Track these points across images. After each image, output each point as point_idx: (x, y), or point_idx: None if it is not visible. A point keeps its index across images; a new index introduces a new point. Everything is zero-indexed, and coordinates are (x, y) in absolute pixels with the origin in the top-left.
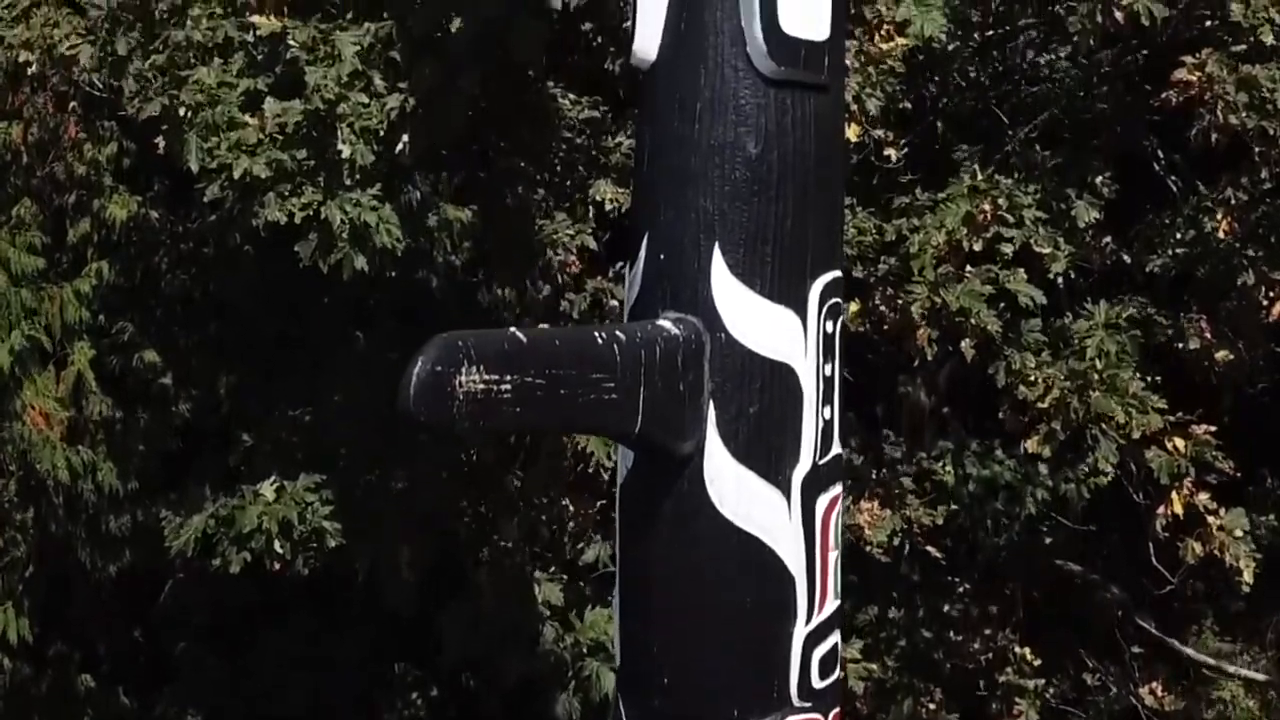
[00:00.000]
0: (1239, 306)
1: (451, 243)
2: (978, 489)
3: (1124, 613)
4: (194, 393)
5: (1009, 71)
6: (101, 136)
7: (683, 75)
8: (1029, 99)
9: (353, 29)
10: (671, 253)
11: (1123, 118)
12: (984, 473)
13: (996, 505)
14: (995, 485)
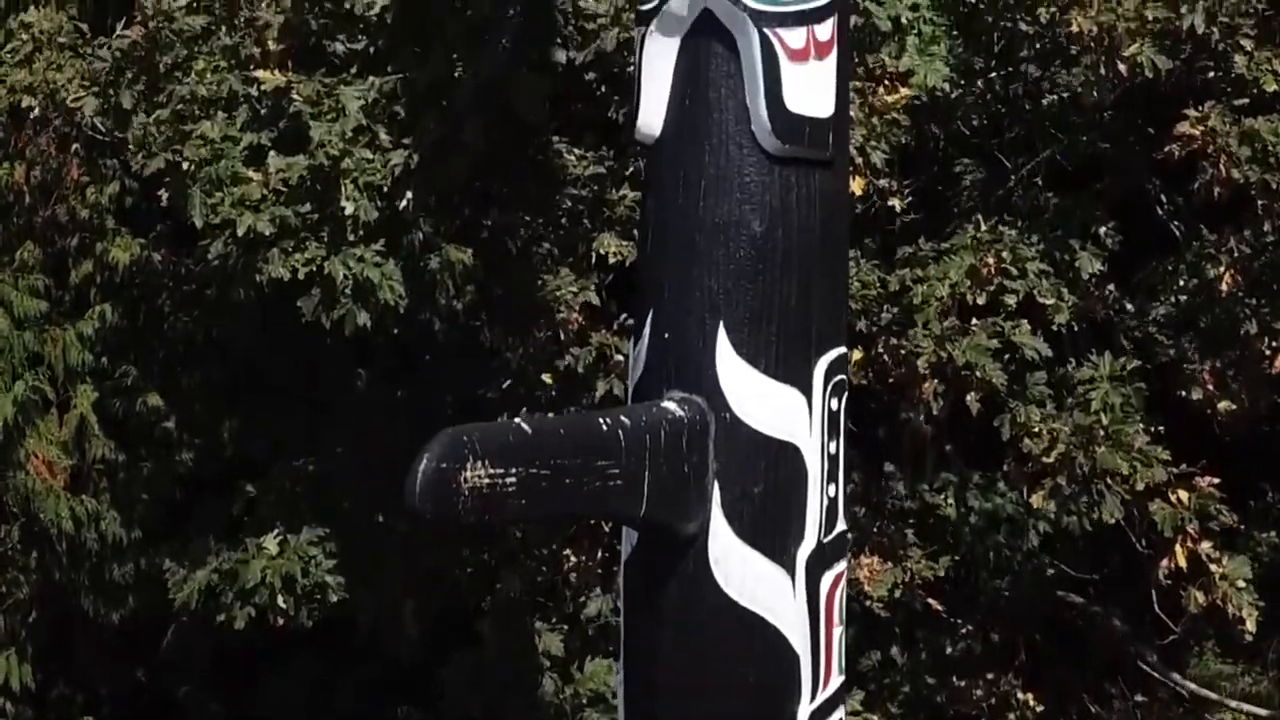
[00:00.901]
0: (1241, 357)
1: (454, 284)
2: (979, 522)
3: (1127, 646)
4: (197, 442)
5: (1012, 117)
6: (104, 175)
7: (687, 152)
8: (1032, 143)
9: (357, 83)
10: (676, 331)
11: (1125, 157)
12: (985, 505)
13: (999, 538)
14: (997, 518)
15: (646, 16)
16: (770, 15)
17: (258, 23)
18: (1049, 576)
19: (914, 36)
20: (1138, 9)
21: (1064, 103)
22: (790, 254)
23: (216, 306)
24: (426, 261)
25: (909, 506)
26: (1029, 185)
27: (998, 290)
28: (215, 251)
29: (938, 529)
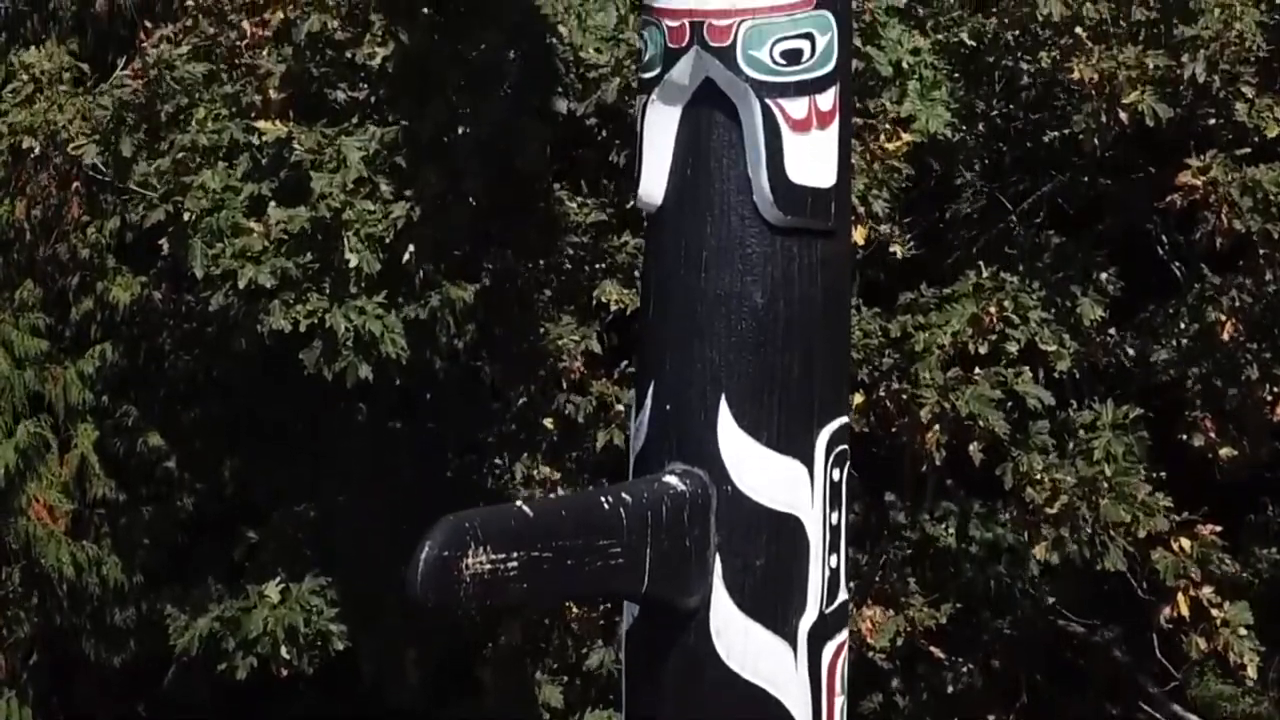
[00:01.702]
0: (1243, 404)
1: (454, 321)
2: (980, 552)
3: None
4: (199, 486)
5: (1013, 159)
6: (104, 210)
7: (689, 222)
8: (1033, 185)
9: (358, 133)
10: (678, 403)
11: (1126, 195)
12: (986, 535)
13: (999, 568)
14: (998, 549)
15: (648, 85)
16: (772, 85)
17: (259, 71)
18: (1050, 605)
19: (915, 81)
20: (1138, 57)
21: (1065, 143)
22: (792, 326)
23: (217, 346)
24: (427, 299)
25: (909, 537)
26: (1030, 227)
27: (1000, 338)
28: (216, 303)
29: (938, 560)
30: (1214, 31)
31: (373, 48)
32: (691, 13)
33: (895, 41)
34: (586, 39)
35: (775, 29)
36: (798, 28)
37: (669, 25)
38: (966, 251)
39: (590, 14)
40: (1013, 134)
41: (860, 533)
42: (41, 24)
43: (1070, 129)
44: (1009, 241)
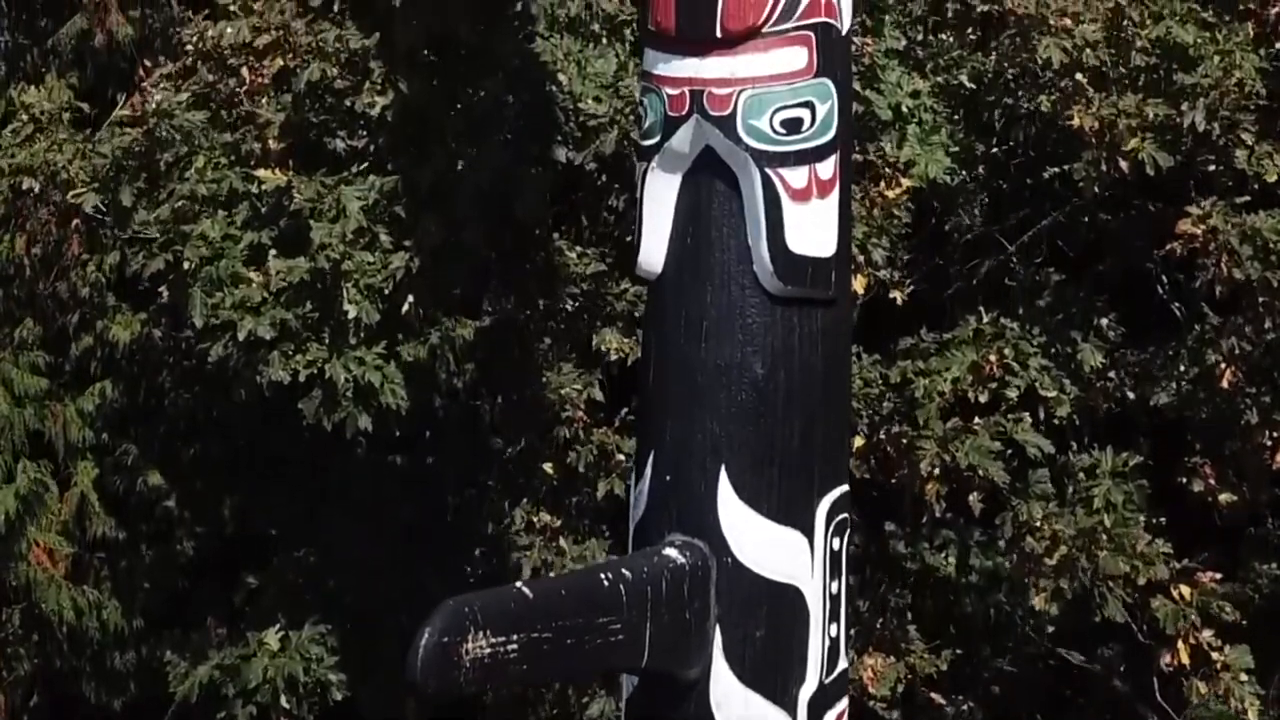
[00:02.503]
0: (1242, 449)
1: (455, 358)
2: (980, 581)
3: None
4: (198, 530)
5: (1013, 200)
6: (104, 245)
7: (689, 291)
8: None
9: (358, 182)
10: (677, 474)
11: (1126, 233)
12: (986, 564)
13: (999, 597)
14: (998, 577)
15: (648, 152)
16: (772, 155)
17: (258, 120)
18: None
19: (915, 125)
20: (1138, 105)
21: (1065, 180)
22: (792, 396)
23: (216, 384)
24: (427, 335)
25: (910, 568)
26: (1030, 266)
27: (1000, 384)
28: (215, 353)
29: (938, 589)
30: (1214, 79)
31: (372, 96)
32: (691, 81)
33: (895, 85)
34: (586, 87)
35: (775, 98)
36: (798, 96)
37: (669, 93)
38: (966, 294)
39: (590, 61)
40: (1013, 170)
41: (860, 564)
42: (41, 57)
43: (1071, 178)
44: (1009, 280)
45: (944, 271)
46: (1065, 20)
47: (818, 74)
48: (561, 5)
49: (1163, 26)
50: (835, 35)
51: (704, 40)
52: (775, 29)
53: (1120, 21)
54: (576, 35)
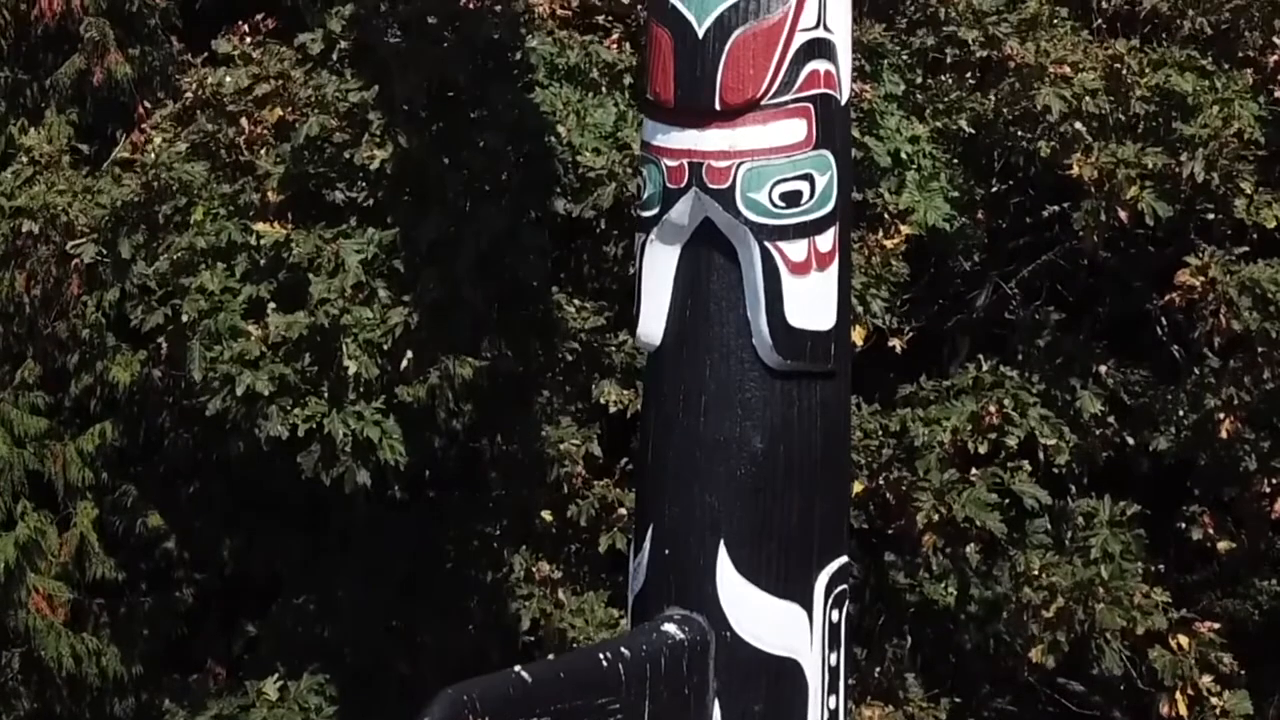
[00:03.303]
0: (1241, 496)
1: (453, 396)
2: (979, 611)
3: None
4: (198, 576)
5: (1012, 237)
6: (104, 282)
7: (688, 365)
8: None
9: (356, 235)
10: (676, 548)
11: (1126, 271)
12: (985, 594)
13: (999, 628)
14: (998, 608)
15: (647, 223)
16: (771, 228)
17: (257, 171)
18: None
19: (914, 172)
20: (1137, 154)
21: (1063, 220)
22: (791, 471)
23: (216, 426)
24: (426, 375)
25: (910, 600)
26: (1029, 306)
27: (999, 434)
28: (214, 407)
29: (936, 618)
30: (1213, 129)
31: (371, 149)
32: (690, 153)
33: (894, 130)
34: (585, 138)
35: (774, 171)
36: (797, 169)
37: (668, 165)
38: (966, 337)
39: (589, 111)
40: (1011, 209)
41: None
42: (40, 93)
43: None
44: (1009, 314)
45: (943, 316)
46: (1064, 69)
47: (817, 146)
48: (561, 54)
49: (1162, 74)
50: (834, 106)
51: (703, 112)
52: (774, 101)
53: (1119, 70)
54: (576, 84)
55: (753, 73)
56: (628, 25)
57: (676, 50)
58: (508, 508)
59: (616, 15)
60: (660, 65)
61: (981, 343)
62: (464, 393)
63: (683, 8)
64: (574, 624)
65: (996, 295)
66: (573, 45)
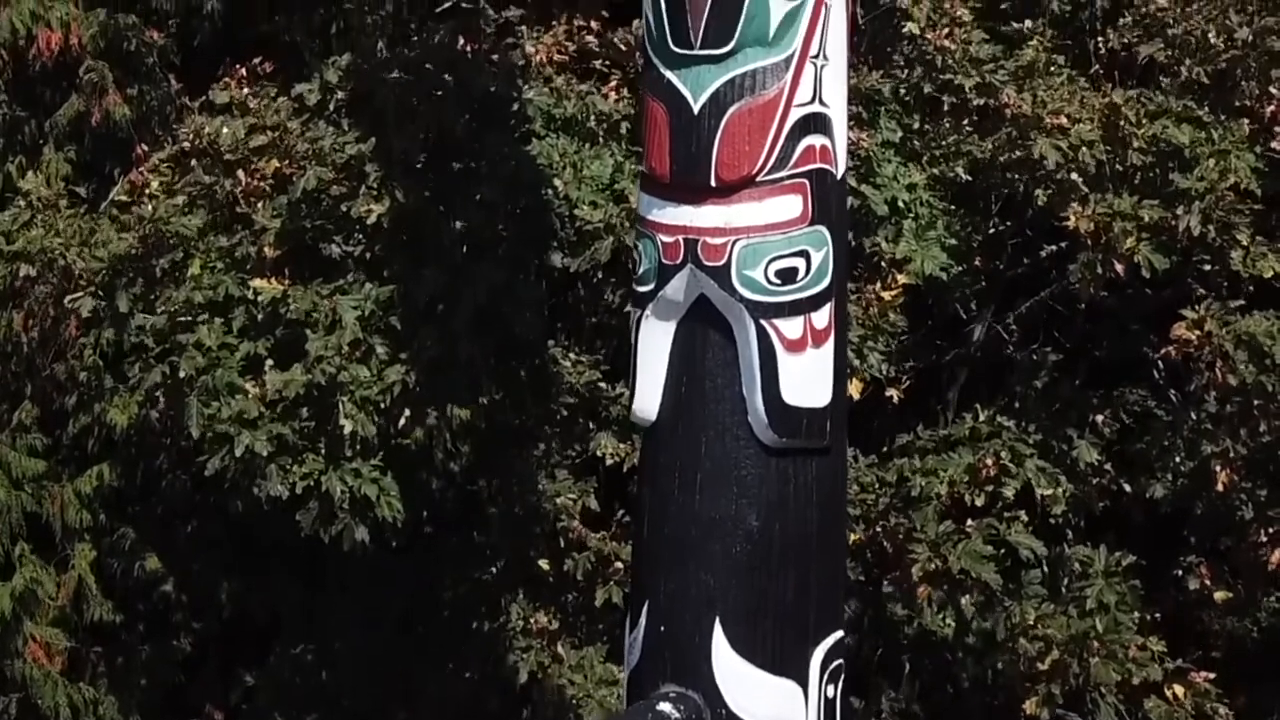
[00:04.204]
0: (1237, 546)
1: (450, 436)
2: (978, 643)
3: None
4: (196, 625)
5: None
6: (100, 318)
7: (683, 441)
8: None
9: (354, 291)
10: (672, 625)
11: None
12: (984, 625)
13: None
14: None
15: (643, 299)
16: (766, 306)
17: (254, 225)
18: None
19: (911, 220)
20: (1134, 207)
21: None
22: (787, 548)
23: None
24: (425, 416)
25: (908, 633)
26: (1026, 350)
27: (996, 485)
28: (212, 467)
29: (935, 650)
30: (1209, 182)
31: (368, 203)
32: (686, 229)
33: (891, 178)
34: (582, 191)
35: (770, 248)
36: (793, 245)
37: (663, 240)
38: (962, 382)
39: (586, 163)
40: (1009, 250)
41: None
42: (38, 129)
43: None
44: (1004, 362)
45: (939, 355)
46: (1061, 119)
47: (813, 222)
48: (558, 105)
49: (1159, 125)
50: (830, 181)
51: (698, 189)
52: (770, 178)
53: (1116, 120)
54: (573, 135)
55: (748, 149)
56: (626, 72)
57: (672, 125)
58: (505, 554)
59: (614, 62)
60: (656, 140)
61: (978, 381)
62: (461, 433)
63: (678, 83)
64: (573, 680)
65: (992, 333)
66: (570, 95)
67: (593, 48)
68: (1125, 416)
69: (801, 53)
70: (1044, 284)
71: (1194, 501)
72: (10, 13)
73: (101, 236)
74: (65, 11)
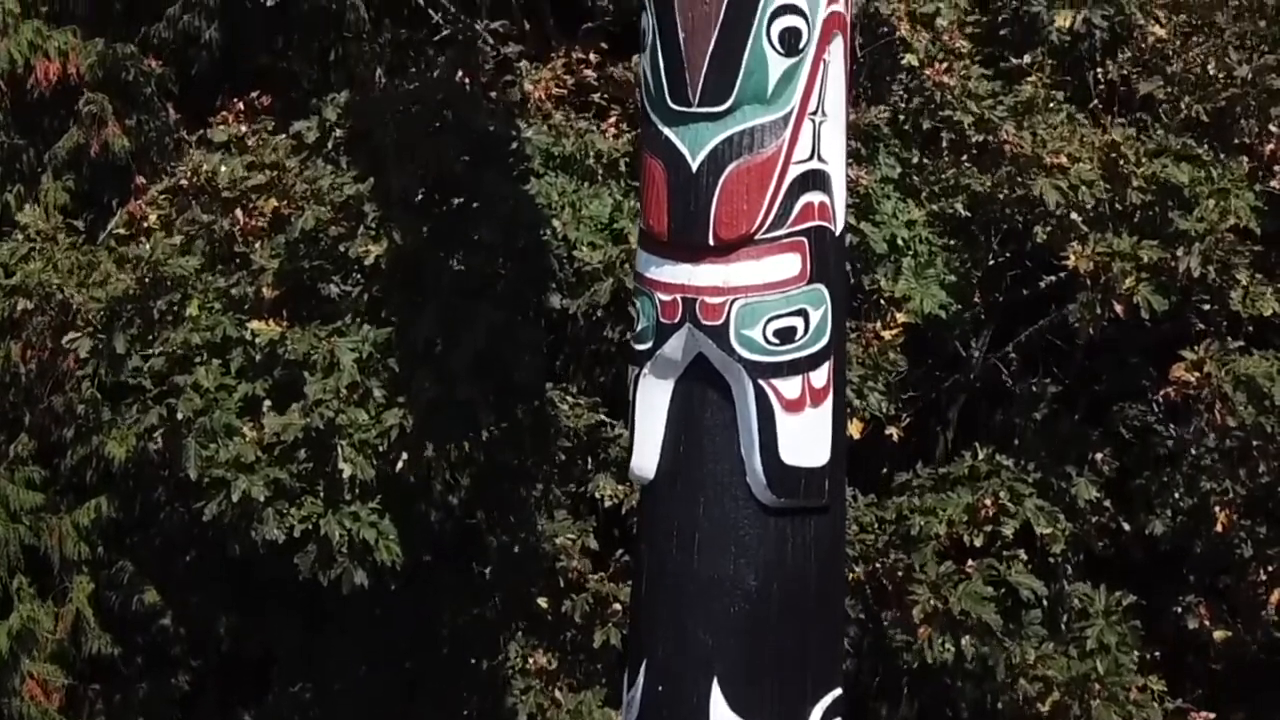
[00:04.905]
0: (1237, 585)
1: (449, 467)
2: (976, 668)
3: None
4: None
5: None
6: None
7: (681, 501)
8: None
9: (351, 332)
10: (670, 685)
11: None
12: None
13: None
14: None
15: (641, 357)
16: (765, 366)
17: (252, 265)
18: None
19: (910, 258)
20: (1133, 247)
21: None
22: (785, 607)
23: None
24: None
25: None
26: (1025, 382)
27: (995, 524)
28: (210, 512)
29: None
30: (1209, 223)
31: (366, 243)
32: (684, 288)
33: (890, 215)
34: (581, 232)
35: (768, 307)
36: (791, 305)
37: (661, 299)
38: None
39: (585, 203)
40: (1008, 281)
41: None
42: (37, 157)
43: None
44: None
45: (937, 386)
46: (1061, 159)
47: (811, 280)
48: (557, 143)
49: (1158, 164)
50: (829, 238)
51: (697, 247)
52: (768, 236)
53: (1115, 158)
54: (572, 174)
55: (746, 208)
56: (625, 107)
57: (670, 183)
58: (504, 590)
59: (613, 97)
60: (654, 197)
61: (976, 411)
62: (460, 464)
63: (676, 140)
64: None
65: (990, 364)
66: (569, 133)
67: (591, 81)
68: (1124, 455)
69: (800, 109)
70: (1043, 314)
71: (1193, 539)
72: (8, 43)
73: (99, 276)
74: (64, 40)
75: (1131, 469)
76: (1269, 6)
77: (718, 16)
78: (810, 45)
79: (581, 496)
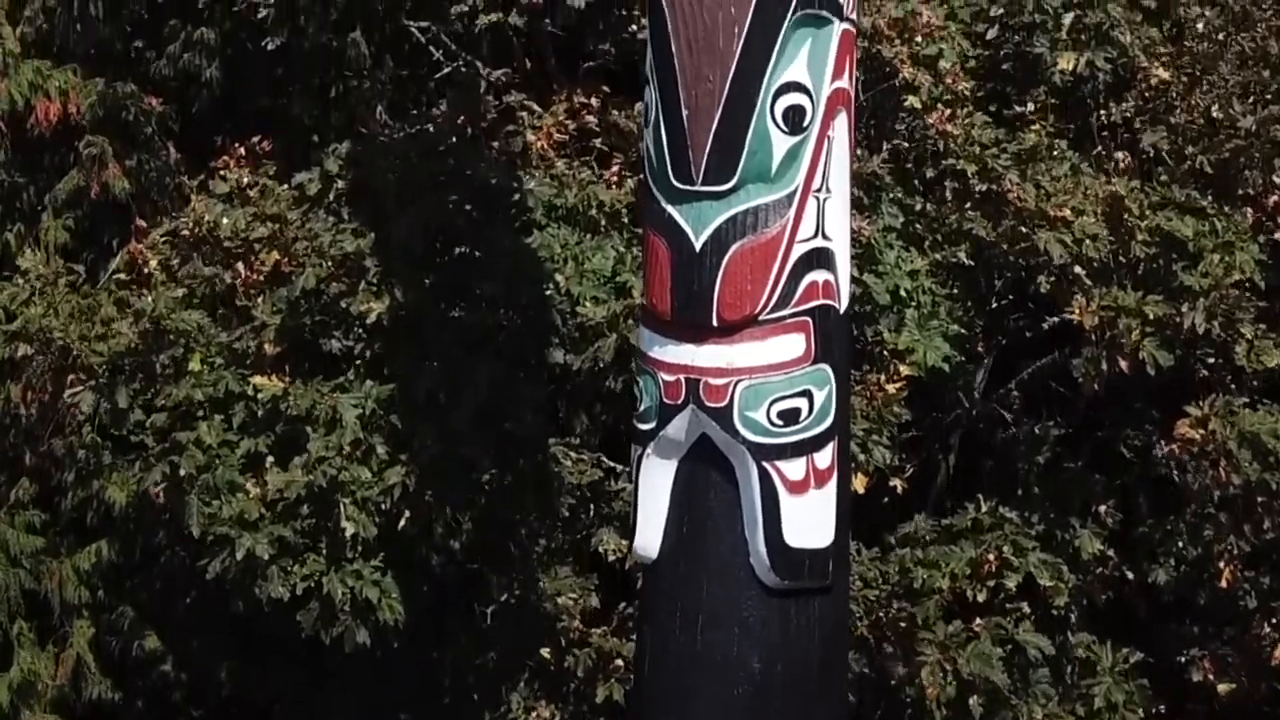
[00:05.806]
0: (1240, 637)
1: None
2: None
3: None
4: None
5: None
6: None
7: (684, 581)
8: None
9: (354, 389)
10: None
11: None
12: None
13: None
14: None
15: (644, 437)
16: (768, 448)
17: (254, 321)
18: None
19: (913, 309)
20: (1138, 302)
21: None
22: (789, 687)
23: None
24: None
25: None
26: (1027, 425)
27: (998, 578)
28: (214, 570)
29: None
30: (1214, 279)
31: (368, 300)
32: (687, 369)
33: (893, 265)
34: (584, 286)
35: (772, 389)
36: (795, 386)
37: (665, 379)
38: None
39: (588, 256)
40: (1010, 325)
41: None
42: (37, 196)
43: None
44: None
45: (941, 448)
46: (1065, 212)
47: (815, 360)
48: (559, 195)
49: (1162, 216)
50: (834, 316)
51: (700, 328)
52: (772, 316)
53: (1119, 211)
54: (574, 225)
55: (750, 288)
56: (627, 156)
57: (674, 262)
58: (506, 640)
59: (615, 147)
60: (657, 276)
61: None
62: (463, 520)
63: (679, 218)
64: None
65: (992, 408)
66: (571, 184)
67: (593, 127)
68: (1129, 500)
69: (804, 188)
70: (1045, 355)
71: (1197, 590)
72: (9, 83)
73: (100, 322)
74: (64, 80)
75: (1134, 516)
76: (1273, 55)
77: (721, 94)
78: (815, 123)
79: (584, 551)
